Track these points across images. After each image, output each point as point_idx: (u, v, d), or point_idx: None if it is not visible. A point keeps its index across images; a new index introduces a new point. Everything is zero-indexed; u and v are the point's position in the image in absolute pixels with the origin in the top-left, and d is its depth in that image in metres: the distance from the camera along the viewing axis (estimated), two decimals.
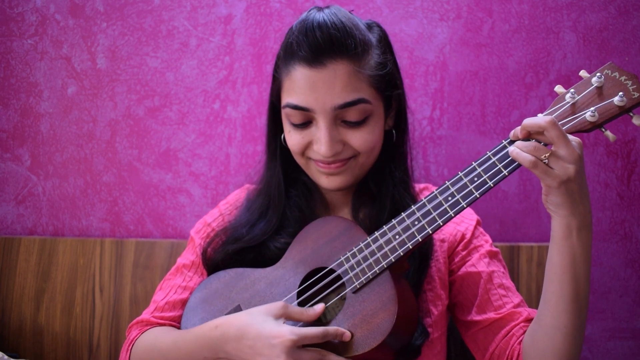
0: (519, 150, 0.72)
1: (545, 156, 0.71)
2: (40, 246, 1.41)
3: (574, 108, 0.74)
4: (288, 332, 0.75)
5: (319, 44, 0.83)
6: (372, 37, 0.90)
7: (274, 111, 0.96)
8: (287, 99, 0.88)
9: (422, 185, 1.06)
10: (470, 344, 0.95)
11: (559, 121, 0.74)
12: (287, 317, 0.81)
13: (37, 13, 1.47)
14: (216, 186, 1.43)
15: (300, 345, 0.76)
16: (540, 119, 0.71)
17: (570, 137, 0.71)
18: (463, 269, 0.95)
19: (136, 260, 1.38)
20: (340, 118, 0.86)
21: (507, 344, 0.86)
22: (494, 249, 1.00)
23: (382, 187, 0.95)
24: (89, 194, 1.46)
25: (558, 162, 0.70)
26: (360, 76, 0.86)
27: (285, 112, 0.89)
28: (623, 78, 0.72)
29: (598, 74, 0.73)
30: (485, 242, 0.99)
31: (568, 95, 0.74)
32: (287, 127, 0.91)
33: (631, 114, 0.71)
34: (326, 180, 0.90)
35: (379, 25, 0.94)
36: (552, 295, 0.78)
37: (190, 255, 1.02)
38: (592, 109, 0.72)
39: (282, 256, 0.91)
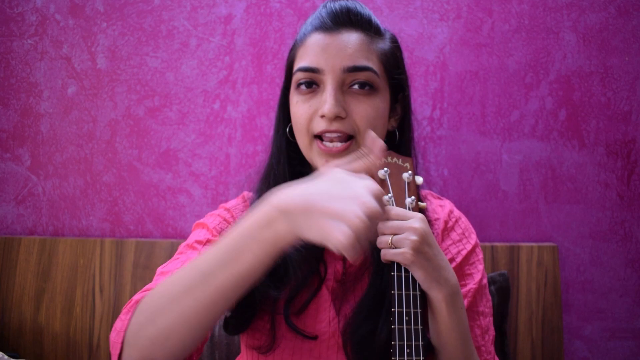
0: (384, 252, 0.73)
1: (390, 240, 0.72)
2: (40, 246, 1.41)
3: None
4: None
5: (336, 12, 0.88)
6: (387, 33, 0.93)
7: (284, 101, 0.95)
8: (298, 64, 0.89)
9: (423, 192, 1.01)
10: None
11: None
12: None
13: (37, 13, 1.47)
14: (216, 186, 1.43)
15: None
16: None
17: (413, 213, 0.75)
18: None
19: (136, 260, 1.38)
20: (348, 84, 0.86)
21: None
22: (483, 281, 0.91)
23: None
24: (89, 194, 1.46)
25: (400, 240, 0.72)
26: (372, 49, 0.88)
27: (295, 80, 0.89)
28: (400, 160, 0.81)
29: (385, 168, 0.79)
30: (475, 272, 0.91)
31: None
32: (295, 98, 0.90)
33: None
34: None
35: (392, 34, 0.96)
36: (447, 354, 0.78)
37: (203, 234, 0.89)
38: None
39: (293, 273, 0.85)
